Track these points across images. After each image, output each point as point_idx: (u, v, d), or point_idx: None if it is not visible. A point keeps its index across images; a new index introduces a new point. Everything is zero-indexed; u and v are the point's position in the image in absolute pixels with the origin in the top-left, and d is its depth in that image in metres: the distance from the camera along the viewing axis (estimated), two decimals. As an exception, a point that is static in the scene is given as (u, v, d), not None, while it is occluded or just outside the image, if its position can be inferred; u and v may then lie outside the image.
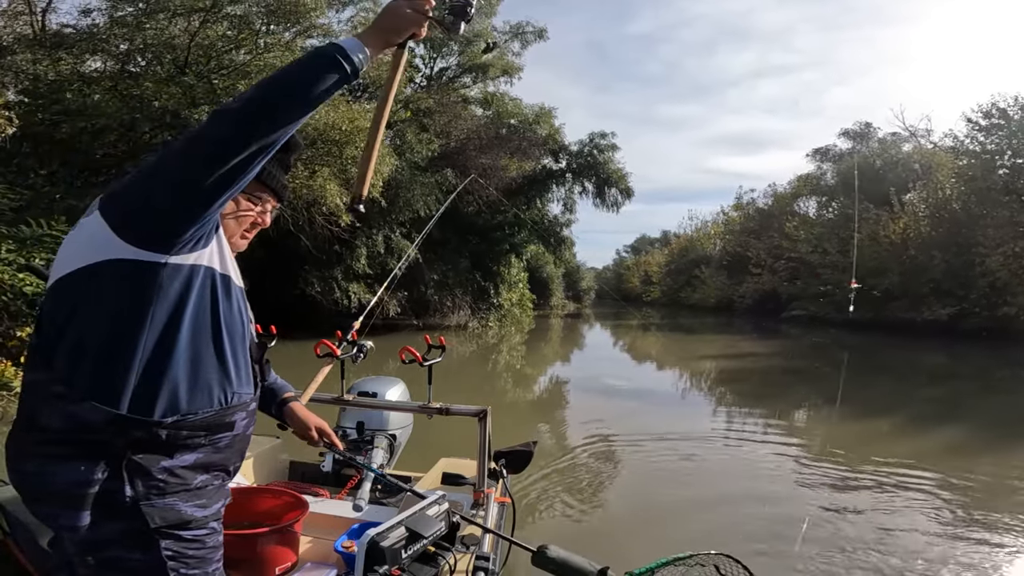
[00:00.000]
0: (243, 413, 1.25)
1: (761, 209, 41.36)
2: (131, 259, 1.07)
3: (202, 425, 1.16)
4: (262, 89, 1.07)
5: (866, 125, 34.99)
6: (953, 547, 3.80)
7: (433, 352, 2.66)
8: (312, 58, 1.10)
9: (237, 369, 1.23)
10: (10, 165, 9.59)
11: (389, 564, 1.46)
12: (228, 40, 11.39)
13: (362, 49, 1.12)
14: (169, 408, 1.12)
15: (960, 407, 9.07)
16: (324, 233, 14.09)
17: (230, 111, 1.06)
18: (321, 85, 1.07)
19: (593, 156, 25.81)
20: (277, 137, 1.06)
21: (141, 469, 1.09)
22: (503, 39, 25.47)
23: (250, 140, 1.02)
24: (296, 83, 1.07)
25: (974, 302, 20.88)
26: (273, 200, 1.40)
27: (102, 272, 1.08)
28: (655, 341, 22.73)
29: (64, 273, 1.11)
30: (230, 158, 1.02)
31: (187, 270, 1.12)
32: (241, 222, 1.34)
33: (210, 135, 1.06)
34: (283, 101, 1.05)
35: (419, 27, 1.20)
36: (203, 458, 1.18)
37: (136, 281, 1.08)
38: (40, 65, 10.14)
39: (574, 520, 4.19)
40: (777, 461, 5.85)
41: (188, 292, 1.13)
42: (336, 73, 1.08)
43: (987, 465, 5.90)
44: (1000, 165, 21.78)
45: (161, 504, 1.11)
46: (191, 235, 1.09)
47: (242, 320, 1.26)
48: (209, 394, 1.17)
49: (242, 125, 1.03)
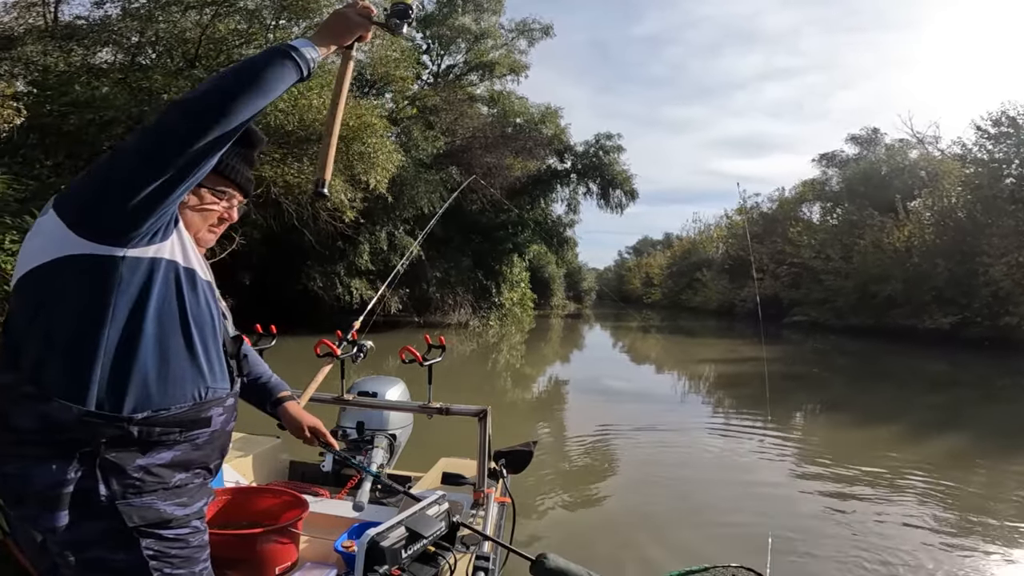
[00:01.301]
0: (219, 409, 1.24)
1: (765, 213, 41.29)
2: (88, 254, 1.07)
3: (176, 421, 1.15)
4: (220, 82, 1.10)
5: (873, 131, 34.92)
6: (951, 554, 3.80)
7: (433, 352, 2.66)
8: (269, 55, 1.14)
9: (210, 364, 1.22)
10: (16, 156, 9.60)
11: (389, 564, 1.46)
12: (239, 34, 11.40)
13: (314, 49, 1.19)
14: (139, 403, 1.11)
15: (961, 415, 9.05)
16: (327, 229, 14.10)
17: (187, 103, 1.09)
18: (277, 81, 1.12)
19: (599, 157, 25.79)
20: (232, 130, 1.08)
21: (115, 468, 1.09)
22: (509, 37, 25.46)
23: (207, 132, 1.05)
24: (254, 78, 1.10)
25: (976, 311, 20.81)
26: (239, 195, 1.40)
27: (60, 268, 1.08)
28: (655, 343, 22.72)
29: (25, 271, 1.12)
30: (186, 150, 1.04)
31: (147, 263, 1.12)
32: (206, 217, 1.33)
33: (167, 127, 1.07)
34: (241, 95, 1.08)
35: (365, 30, 1.31)
36: (181, 456, 1.17)
37: (94, 276, 1.08)
38: (50, 56, 10.16)
39: (574, 521, 4.20)
40: (777, 468, 5.85)
41: (150, 285, 1.13)
42: (291, 70, 1.15)
43: (986, 473, 5.90)
44: (1007, 174, 21.70)
45: (139, 503, 1.10)
46: (147, 228, 1.10)
47: (211, 314, 1.25)
48: (182, 389, 1.16)
49: (200, 117, 1.06)
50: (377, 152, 12.34)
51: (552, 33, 25.73)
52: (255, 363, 1.73)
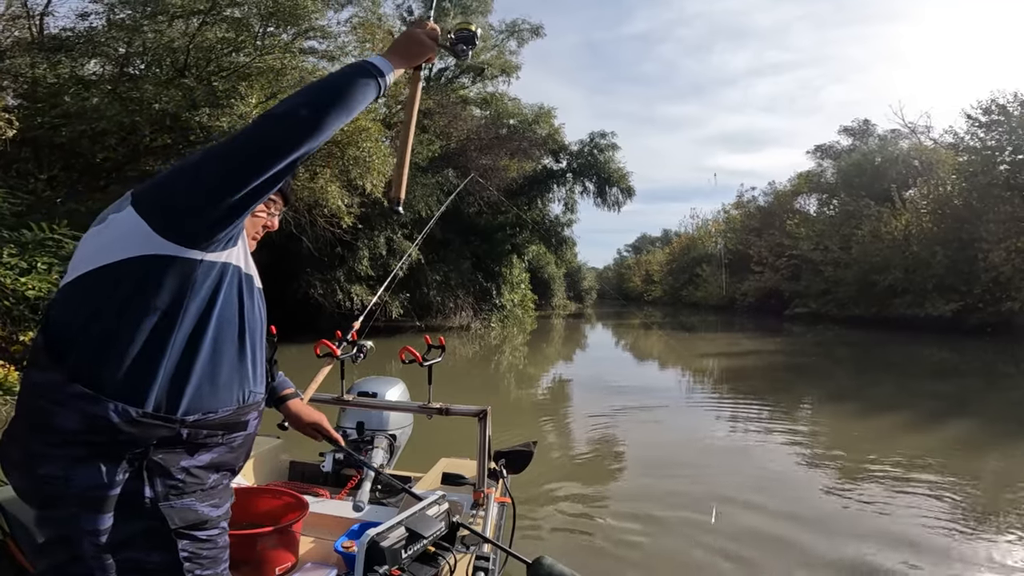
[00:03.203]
0: (255, 412, 1.27)
1: (762, 207, 41.36)
2: (170, 255, 1.09)
3: (220, 424, 1.16)
4: (310, 96, 1.15)
5: (865, 122, 35.08)
6: (958, 541, 3.79)
7: (433, 352, 2.65)
8: (354, 72, 1.20)
9: (254, 368, 1.25)
10: (10, 170, 9.60)
11: (389, 564, 1.45)
12: (227, 42, 11.36)
13: (391, 68, 1.26)
14: (192, 406, 1.12)
15: (967, 403, 9.03)
16: (326, 235, 14.10)
17: (280, 115, 1.12)
18: (362, 97, 1.19)
19: (594, 156, 25.81)
20: (318, 142, 1.13)
21: (161, 469, 1.09)
22: (499, 38, 25.49)
23: (298, 143, 1.10)
24: (342, 95, 1.16)
25: (978, 297, 20.84)
26: (281, 202, 1.47)
27: (139, 267, 1.08)
28: (657, 340, 22.72)
29: (88, 269, 1.10)
30: (277, 160, 1.09)
31: (219, 268, 1.15)
32: (255, 224, 1.39)
33: (259, 137, 1.12)
34: (330, 109, 1.13)
35: (433, 52, 1.38)
36: (217, 457, 1.18)
37: (173, 278, 1.09)
38: (38, 69, 10.13)
39: (575, 521, 4.17)
40: (782, 461, 5.82)
41: (219, 290, 1.15)
42: (373, 86, 1.21)
43: (994, 461, 5.89)
44: (1001, 161, 21.74)
45: (180, 504, 1.11)
46: (227, 233, 1.13)
47: (262, 319, 1.29)
48: (229, 392, 1.18)
49: (291, 129, 1.10)
50: (373, 156, 12.33)
51: (542, 33, 25.83)
52: None
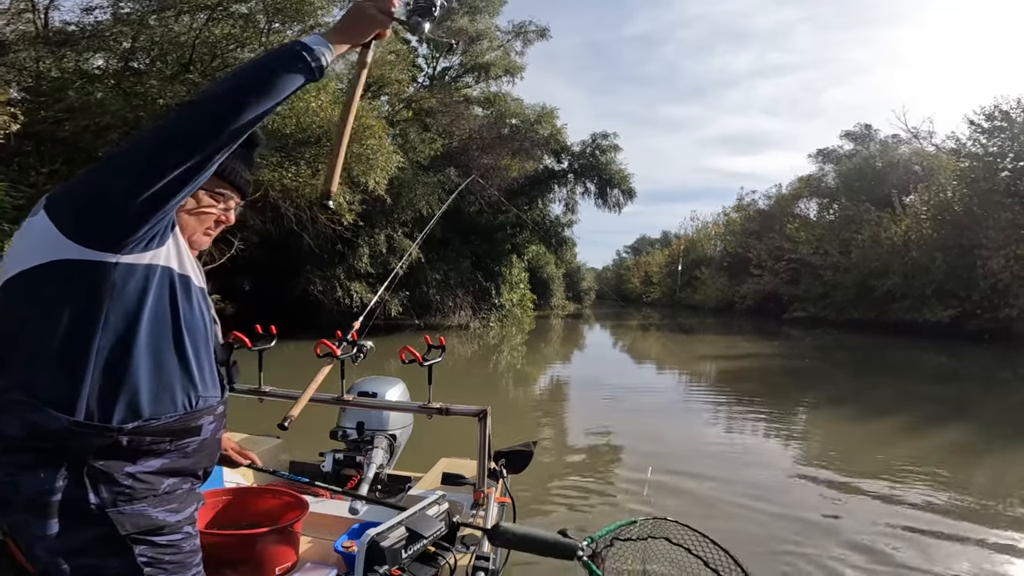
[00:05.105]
0: (210, 417, 1.21)
1: (762, 210, 41.34)
2: (80, 259, 1.04)
3: (165, 430, 1.13)
4: (230, 83, 1.08)
5: (867, 127, 35.06)
6: (956, 544, 3.80)
7: (433, 352, 2.65)
8: (278, 55, 1.11)
9: (201, 372, 1.20)
10: (12, 164, 9.59)
11: (389, 564, 1.46)
12: (233, 38, 11.38)
13: (328, 47, 1.14)
14: (129, 414, 1.08)
15: (964, 408, 9.05)
16: (327, 232, 14.09)
17: (190, 107, 1.07)
18: (285, 82, 1.08)
19: (595, 156, 25.80)
20: (241, 131, 1.06)
21: (104, 475, 1.06)
22: (506, 39, 25.49)
23: (217, 133, 1.03)
24: (260, 80, 1.07)
25: (976, 304, 20.86)
26: (237, 197, 1.36)
27: (51, 273, 1.05)
28: (655, 342, 22.72)
29: (12, 275, 1.08)
30: (188, 154, 1.02)
31: (143, 270, 1.09)
32: (203, 220, 1.30)
33: (170, 131, 1.05)
34: (252, 96, 1.05)
35: (384, 27, 1.22)
36: (169, 463, 1.15)
37: (86, 282, 1.05)
38: (43, 63, 10.14)
39: (575, 521, 4.18)
40: (780, 464, 5.84)
41: (145, 293, 1.10)
42: (303, 70, 1.10)
43: (991, 464, 5.90)
44: (1002, 168, 21.75)
45: (130, 511, 1.08)
46: (144, 233, 1.07)
47: (204, 321, 1.22)
48: (172, 399, 1.14)
49: (210, 119, 1.04)
50: (376, 154, 12.32)
51: (548, 35, 25.80)
52: None
